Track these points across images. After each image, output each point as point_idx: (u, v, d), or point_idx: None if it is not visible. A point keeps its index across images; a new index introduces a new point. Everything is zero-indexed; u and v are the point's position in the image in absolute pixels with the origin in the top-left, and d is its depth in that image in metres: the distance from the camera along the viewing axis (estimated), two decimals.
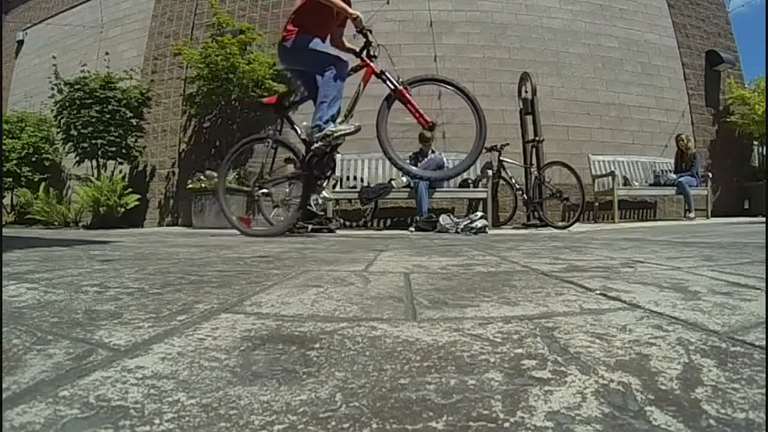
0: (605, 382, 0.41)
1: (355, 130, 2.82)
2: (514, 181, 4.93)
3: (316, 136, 2.84)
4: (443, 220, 3.99)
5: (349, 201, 5.40)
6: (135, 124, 5.97)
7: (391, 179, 4.87)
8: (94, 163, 5.86)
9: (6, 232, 4.48)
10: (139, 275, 1.10)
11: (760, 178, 6.41)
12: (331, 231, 3.82)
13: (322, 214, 3.98)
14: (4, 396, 0.38)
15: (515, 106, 5.35)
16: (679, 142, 5.94)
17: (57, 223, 5.82)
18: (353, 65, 2.97)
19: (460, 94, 2.86)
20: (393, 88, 2.87)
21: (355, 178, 5.24)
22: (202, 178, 5.19)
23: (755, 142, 6.91)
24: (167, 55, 6.47)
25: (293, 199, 3.44)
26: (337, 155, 3.27)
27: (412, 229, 4.30)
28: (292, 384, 0.41)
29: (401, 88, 2.86)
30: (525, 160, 5.05)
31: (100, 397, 0.38)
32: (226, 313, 0.69)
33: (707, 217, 5.68)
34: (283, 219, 3.40)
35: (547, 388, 0.40)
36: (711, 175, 5.92)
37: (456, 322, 0.64)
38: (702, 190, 5.78)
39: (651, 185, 5.87)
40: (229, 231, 3.48)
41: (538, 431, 0.32)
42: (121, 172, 6.05)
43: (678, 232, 3.04)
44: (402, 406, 0.36)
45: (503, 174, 4.97)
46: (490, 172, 4.80)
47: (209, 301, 0.79)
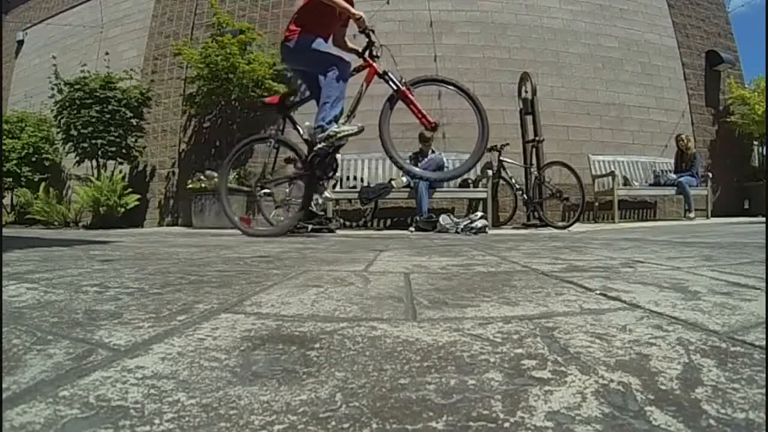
0: (605, 382, 0.41)
1: (358, 131, 2.81)
2: (514, 181, 4.93)
3: (320, 136, 2.82)
4: (443, 220, 3.99)
5: (349, 201, 5.40)
6: (135, 124, 5.97)
7: (391, 179, 4.87)
8: (94, 163, 5.87)
9: (6, 232, 4.48)
10: (139, 275, 1.10)
11: (760, 178, 6.41)
12: (331, 231, 3.81)
13: (322, 214, 3.97)
14: (4, 396, 0.38)
15: (515, 106, 5.35)
16: (679, 142, 5.94)
17: (57, 223, 5.82)
18: (356, 65, 2.96)
19: (463, 95, 2.83)
20: (396, 89, 2.85)
21: (355, 178, 5.24)
22: (202, 178, 5.19)
23: (755, 142, 6.90)
24: (167, 55, 6.47)
25: (294, 200, 3.44)
26: (338, 155, 3.27)
27: (412, 229, 4.29)
28: (292, 384, 0.41)
29: (404, 89, 2.84)
30: (525, 160, 5.05)
31: (100, 397, 0.38)
32: (226, 313, 0.69)
33: (707, 217, 5.68)
34: (283, 219, 3.40)
35: (547, 388, 0.40)
36: (711, 175, 5.92)
37: (456, 322, 0.64)
38: (702, 190, 5.78)
39: (651, 185, 5.87)
40: (229, 231, 3.48)
41: (538, 431, 0.32)
42: (121, 172, 6.05)
43: (678, 232, 3.04)
44: (402, 406, 0.36)
45: (503, 174, 4.97)
46: (490, 172, 4.81)
47: (209, 301, 0.79)
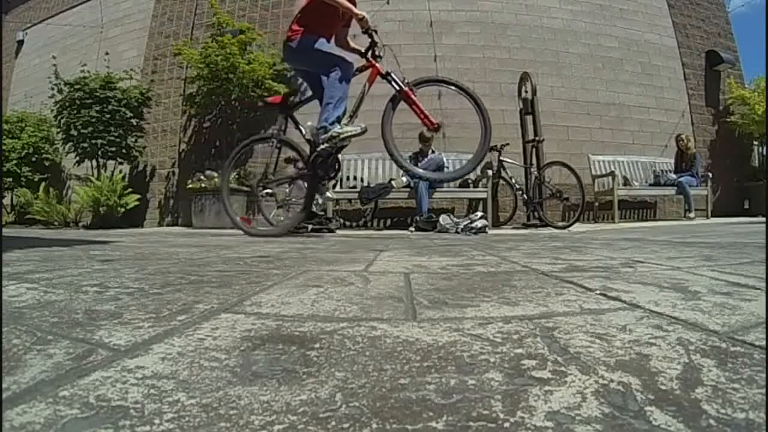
0: (605, 382, 0.41)
1: (361, 131, 2.80)
2: (514, 181, 4.93)
3: (322, 137, 2.82)
4: (443, 220, 3.99)
5: (349, 201, 5.40)
6: (135, 124, 5.97)
7: (391, 179, 4.87)
8: (94, 163, 5.86)
9: (6, 232, 4.48)
10: (139, 275, 1.10)
11: (760, 178, 6.41)
12: (331, 231, 3.81)
13: (322, 214, 3.97)
14: (4, 396, 0.38)
15: (515, 106, 5.35)
16: (679, 142, 5.93)
17: (57, 223, 5.82)
18: (358, 66, 2.95)
19: (465, 96, 2.82)
20: (398, 89, 2.85)
21: (355, 178, 5.24)
22: (202, 178, 5.20)
23: (755, 142, 6.90)
24: (167, 55, 6.47)
25: (294, 200, 3.44)
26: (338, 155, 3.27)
27: (412, 229, 4.29)
28: (292, 384, 0.41)
29: (406, 90, 2.83)
30: (525, 160, 5.05)
31: (100, 397, 0.38)
32: (226, 313, 0.69)
33: (707, 217, 5.68)
34: (283, 219, 3.39)
35: (547, 388, 0.40)
36: (711, 175, 5.92)
37: (456, 322, 0.64)
38: (702, 190, 5.78)
39: (651, 185, 5.86)
40: (229, 231, 3.48)
41: (538, 431, 0.32)
42: (121, 172, 6.05)
43: (678, 232, 3.04)
44: (402, 406, 0.36)
45: (503, 174, 4.97)
46: (490, 172, 4.80)
47: (209, 301, 0.79)
